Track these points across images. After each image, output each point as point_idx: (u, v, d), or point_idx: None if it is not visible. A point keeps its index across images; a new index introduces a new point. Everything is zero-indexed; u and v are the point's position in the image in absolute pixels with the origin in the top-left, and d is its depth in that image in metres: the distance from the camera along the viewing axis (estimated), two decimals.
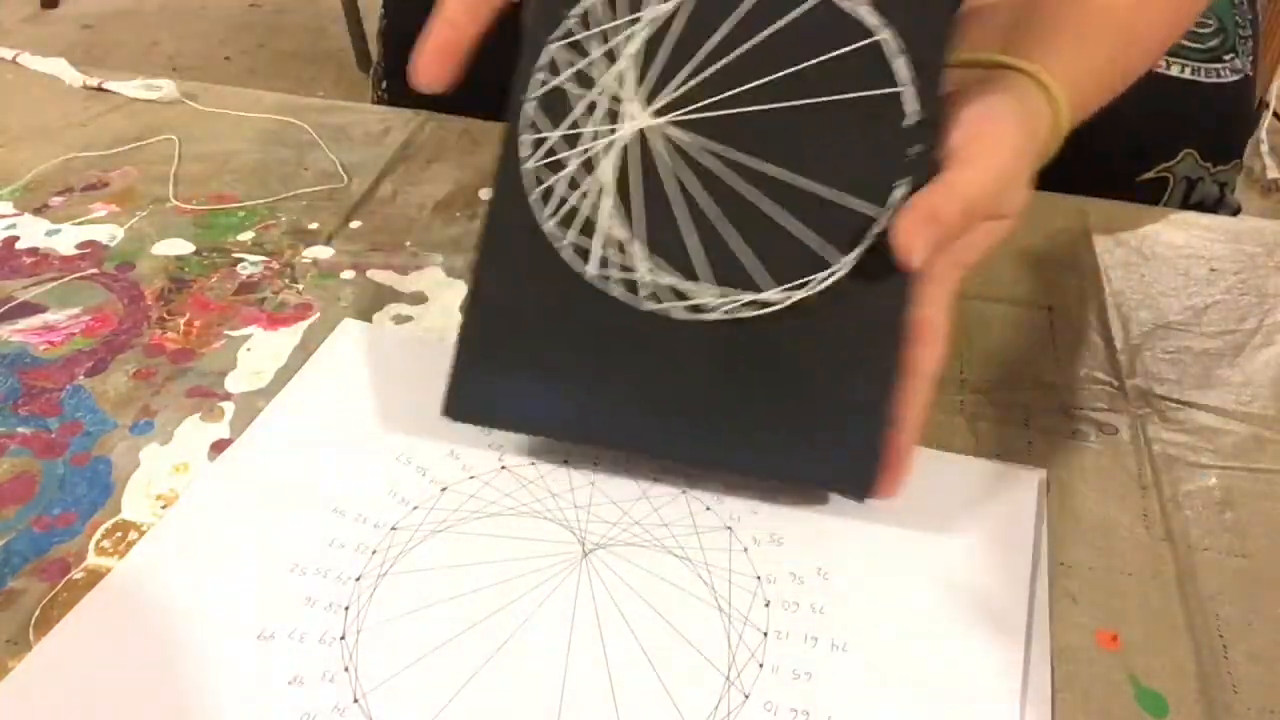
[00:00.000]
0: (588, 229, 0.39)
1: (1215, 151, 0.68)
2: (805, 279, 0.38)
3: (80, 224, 0.57)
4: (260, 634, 0.35)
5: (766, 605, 0.37)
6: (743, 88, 0.38)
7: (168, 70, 2.28)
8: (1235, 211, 0.70)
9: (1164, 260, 0.56)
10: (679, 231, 0.39)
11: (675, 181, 0.39)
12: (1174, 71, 0.65)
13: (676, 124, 0.39)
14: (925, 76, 0.37)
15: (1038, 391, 0.47)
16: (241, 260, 0.54)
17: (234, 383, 0.46)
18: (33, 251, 0.55)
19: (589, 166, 0.39)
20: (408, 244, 0.56)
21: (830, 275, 0.38)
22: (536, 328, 0.40)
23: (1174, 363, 0.49)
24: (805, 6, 0.38)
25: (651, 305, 0.39)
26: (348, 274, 0.53)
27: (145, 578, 0.37)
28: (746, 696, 0.34)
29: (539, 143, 0.39)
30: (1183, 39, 0.65)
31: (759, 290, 0.38)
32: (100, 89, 0.71)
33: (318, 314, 0.50)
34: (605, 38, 0.39)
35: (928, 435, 0.43)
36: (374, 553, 0.38)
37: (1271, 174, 1.96)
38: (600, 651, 0.35)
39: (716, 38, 0.39)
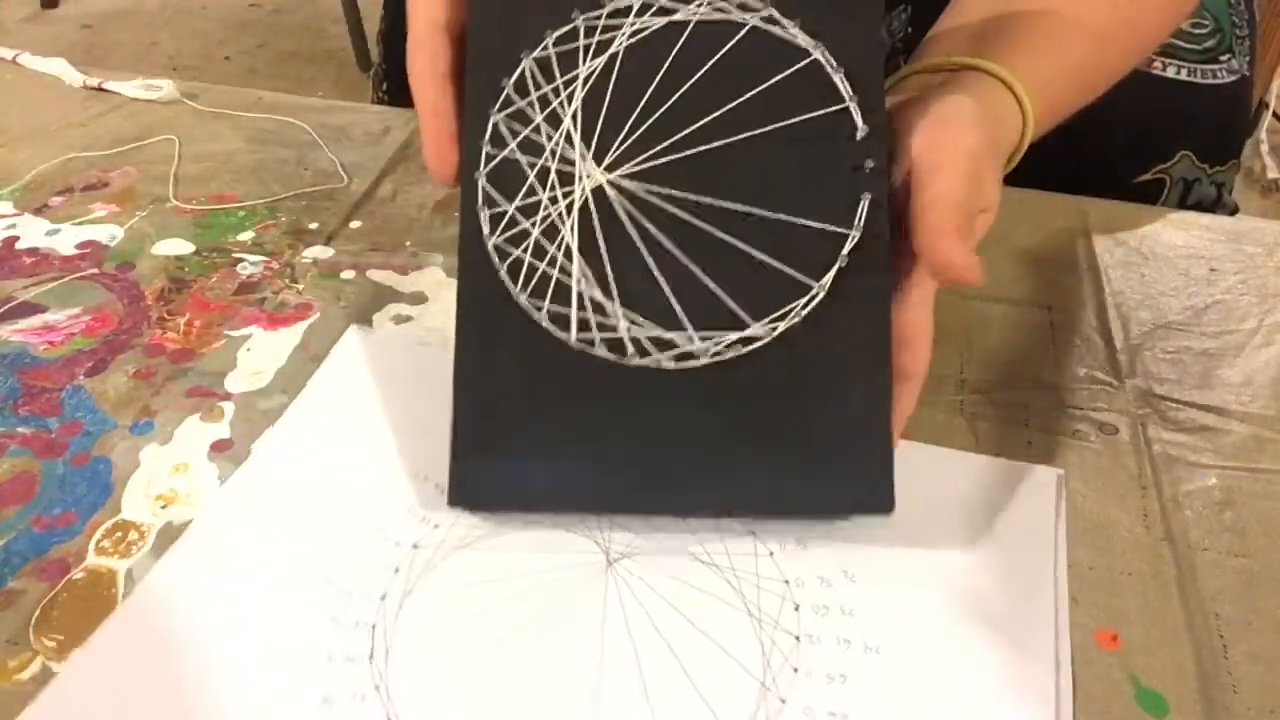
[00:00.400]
0: (561, 295, 0.39)
1: (1212, 152, 0.68)
2: (786, 308, 0.38)
3: (80, 224, 0.57)
4: (286, 654, 0.35)
5: (796, 609, 0.37)
6: (689, 129, 0.39)
7: (168, 70, 2.28)
8: (1232, 212, 0.70)
9: (1164, 260, 0.56)
10: (652, 282, 0.38)
11: (639, 233, 0.38)
12: (1170, 73, 0.65)
13: (630, 176, 0.39)
14: (865, 89, 0.38)
15: (1038, 391, 0.47)
16: (241, 260, 0.54)
17: (234, 383, 0.46)
18: (33, 251, 0.55)
19: (551, 233, 0.39)
20: (408, 244, 0.56)
21: (811, 300, 0.38)
22: (528, 403, 0.39)
23: (1174, 363, 0.49)
24: (736, 38, 0.39)
25: (639, 361, 0.38)
26: (348, 274, 0.53)
27: (164, 603, 0.36)
28: (784, 701, 0.34)
29: (498, 217, 0.39)
30: (1178, 40, 0.65)
31: (742, 327, 0.38)
32: (100, 89, 0.71)
33: (318, 314, 0.50)
34: (545, 101, 0.39)
35: (929, 435, 0.44)
36: (397, 570, 0.38)
37: (1271, 174, 1.96)
38: (634, 661, 0.35)
39: (654, 84, 0.39)
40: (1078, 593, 0.38)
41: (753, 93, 0.38)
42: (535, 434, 0.39)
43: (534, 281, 0.39)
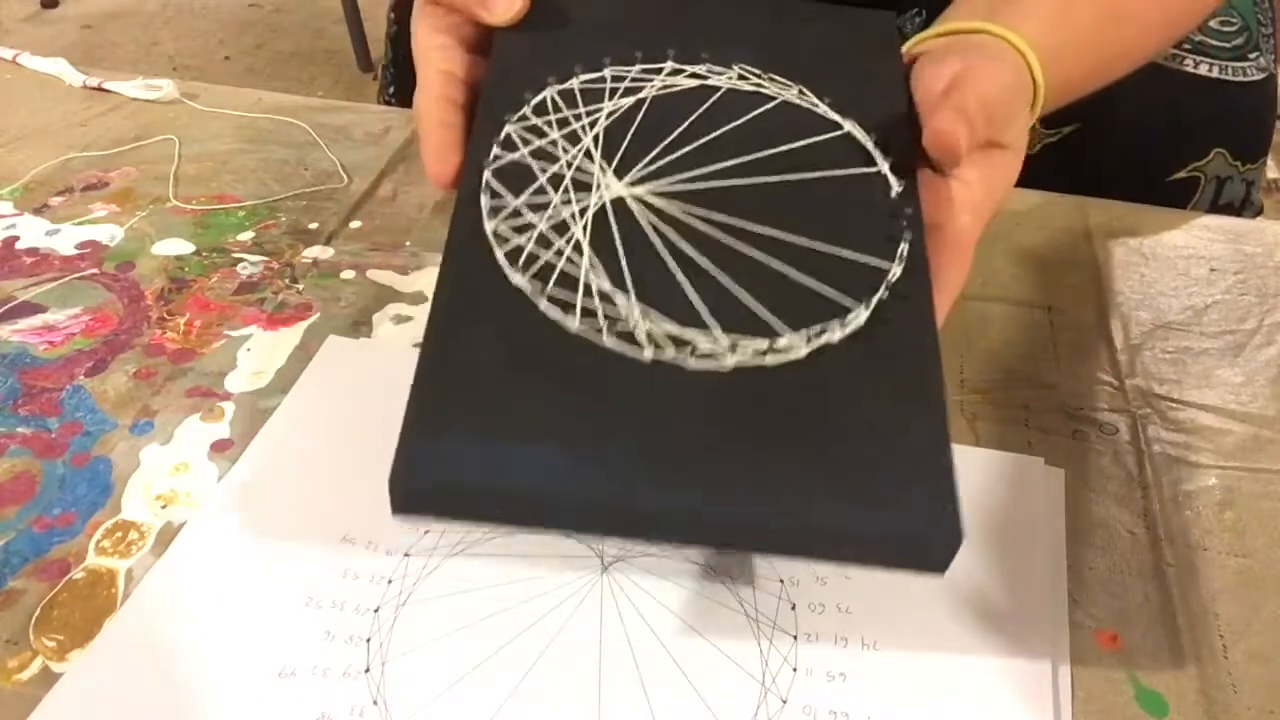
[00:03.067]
0: (566, 282, 0.34)
1: (1244, 150, 0.67)
2: (823, 325, 0.34)
3: (80, 224, 0.57)
4: (280, 671, 0.35)
5: (793, 608, 0.37)
6: (719, 164, 0.37)
7: (168, 70, 2.29)
8: (1259, 211, 0.70)
9: (1164, 260, 0.56)
10: (672, 282, 0.34)
11: (662, 241, 0.35)
12: (1202, 70, 0.65)
13: (656, 194, 0.37)
14: (898, 155, 0.38)
15: (1038, 391, 0.47)
16: (241, 260, 0.54)
17: (234, 383, 0.46)
18: (33, 251, 0.55)
19: (560, 229, 0.35)
20: (408, 244, 0.56)
21: (851, 321, 0.34)
22: (510, 379, 0.32)
23: (1174, 363, 0.49)
24: (765, 108, 0.39)
25: (653, 354, 0.33)
26: (348, 274, 0.53)
27: (154, 620, 0.36)
28: (784, 701, 0.34)
29: (499, 209, 0.36)
30: (1208, 38, 0.65)
31: (773, 337, 0.33)
32: (100, 89, 0.71)
33: (318, 314, 0.50)
34: (565, 123, 0.38)
35: None
36: (390, 582, 0.37)
37: (1271, 174, 1.96)
38: (632, 666, 0.35)
39: (682, 127, 0.38)
40: (1078, 593, 0.38)
41: (785, 147, 0.38)
42: (515, 415, 0.31)
43: (535, 268, 0.34)
